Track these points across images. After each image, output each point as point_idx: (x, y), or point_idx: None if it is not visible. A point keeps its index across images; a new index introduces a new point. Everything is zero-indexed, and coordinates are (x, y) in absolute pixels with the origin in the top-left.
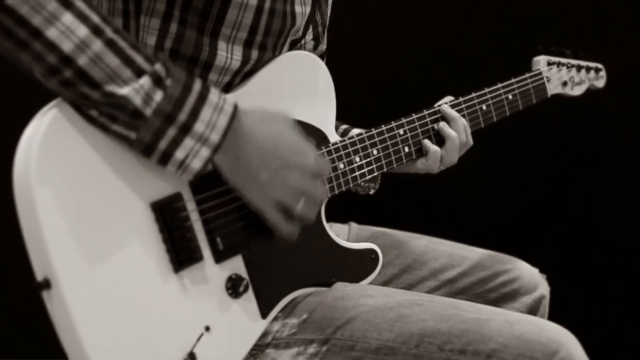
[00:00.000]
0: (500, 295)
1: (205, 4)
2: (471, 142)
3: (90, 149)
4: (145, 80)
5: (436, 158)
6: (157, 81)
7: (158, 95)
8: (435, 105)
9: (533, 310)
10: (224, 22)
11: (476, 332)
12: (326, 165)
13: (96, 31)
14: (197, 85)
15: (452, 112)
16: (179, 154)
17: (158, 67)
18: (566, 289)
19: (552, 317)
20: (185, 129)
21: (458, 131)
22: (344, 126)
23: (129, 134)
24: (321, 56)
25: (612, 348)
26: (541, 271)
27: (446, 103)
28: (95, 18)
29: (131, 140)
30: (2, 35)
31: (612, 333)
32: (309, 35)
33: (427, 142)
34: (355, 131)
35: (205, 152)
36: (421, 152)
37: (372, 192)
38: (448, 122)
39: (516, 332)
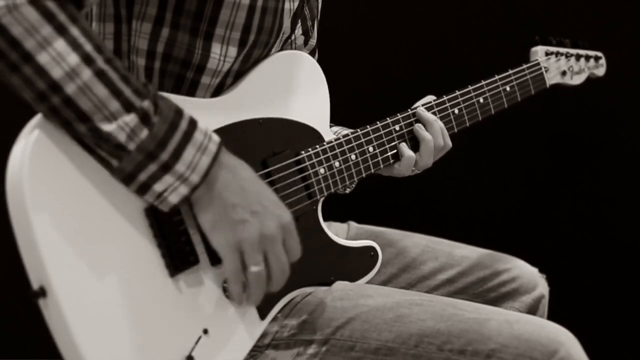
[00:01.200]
0: (499, 294)
1: (198, 5)
2: (449, 144)
3: (82, 159)
4: (131, 118)
5: (409, 163)
6: (144, 119)
7: (143, 133)
8: (415, 105)
9: (532, 309)
10: (217, 23)
11: (476, 332)
12: (298, 242)
13: (87, 60)
14: (184, 123)
15: (428, 115)
16: (158, 187)
17: (146, 103)
18: (566, 288)
19: (552, 316)
20: (166, 168)
21: (434, 134)
22: (335, 128)
23: (111, 160)
24: (312, 51)
25: (612, 348)
26: (541, 271)
27: (430, 102)
28: (87, 47)
29: (113, 167)
30: None
31: (611, 333)
32: (298, 30)
33: (402, 146)
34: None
35: (183, 190)
36: (397, 156)
37: (347, 191)
38: (424, 125)
39: (516, 332)
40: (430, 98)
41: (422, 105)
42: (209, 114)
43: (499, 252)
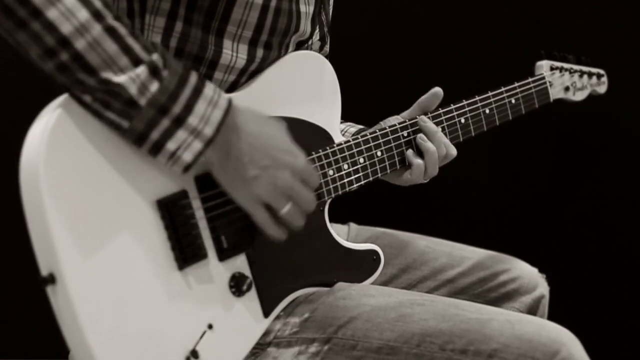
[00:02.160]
0: (499, 295)
1: (211, 2)
2: (452, 154)
3: (97, 146)
4: (142, 70)
5: (420, 171)
6: (154, 71)
7: (154, 86)
8: (420, 100)
9: (533, 310)
10: (230, 21)
11: (477, 332)
12: (316, 173)
13: (97, 16)
14: (193, 78)
15: (430, 126)
16: (171, 145)
17: (155, 57)
18: (566, 288)
19: (552, 316)
20: (179, 121)
21: (437, 145)
22: (343, 126)
23: (121, 122)
24: (325, 57)
25: (613, 348)
26: (541, 271)
27: (439, 109)
28: (97, 3)
29: (123, 128)
30: (2, 12)
31: (612, 333)
32: (316, 36)
33: (411, 155)
34: (353, 130)
35: (197, 145)
36: (404, 162)
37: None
38: (426, 135)
39: (517, 332)
40: (436, 91)
41: (430, 114)
42: None
43: (499, 253)
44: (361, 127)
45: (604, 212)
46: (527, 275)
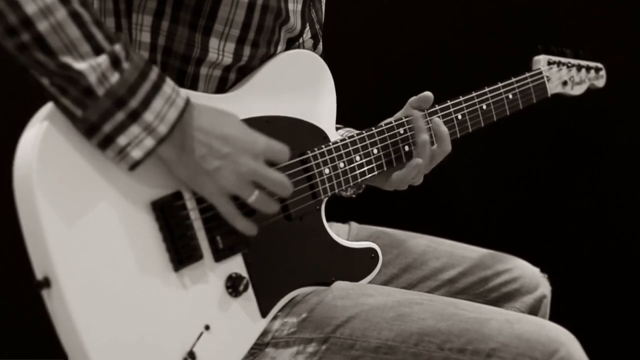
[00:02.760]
0: (501, 294)
1: (197, 1)
2: (448, 148)
3: (90, 151)
4: (103, 59)
5: (420, 168)
6: (115, 62)
7: (114, 77)
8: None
9: (534, 310)
10: (216, 19)
11: (476, 331)
12: (283, 148)
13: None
14: (154, 74)
15: (420, 124)
16: (121, 140)
17: (117, 48)
18: (567, 288)
19: (553, 316)
20: (134, 116)
21: (442, 140)
22: (341, 131)
23: (75, 110)
24: (319, 55)
25: (612, 348)
26: (542, 271)
27: (435, 105)
28: None
29: (76, 117)
30: None
31: (612, 333)
32: (307, 34)
33: (408, 151)
34: (351, 132)
35: (149, 143)
36: (400, 159)
37: (354, 195)
38: (419, 130)
39: (516, 332)
40: (426, 95)
41: (427, 111)
42: None
43: (500, 252)
44: (359, 132)
45: (606, 212)
46: (529, 275)
